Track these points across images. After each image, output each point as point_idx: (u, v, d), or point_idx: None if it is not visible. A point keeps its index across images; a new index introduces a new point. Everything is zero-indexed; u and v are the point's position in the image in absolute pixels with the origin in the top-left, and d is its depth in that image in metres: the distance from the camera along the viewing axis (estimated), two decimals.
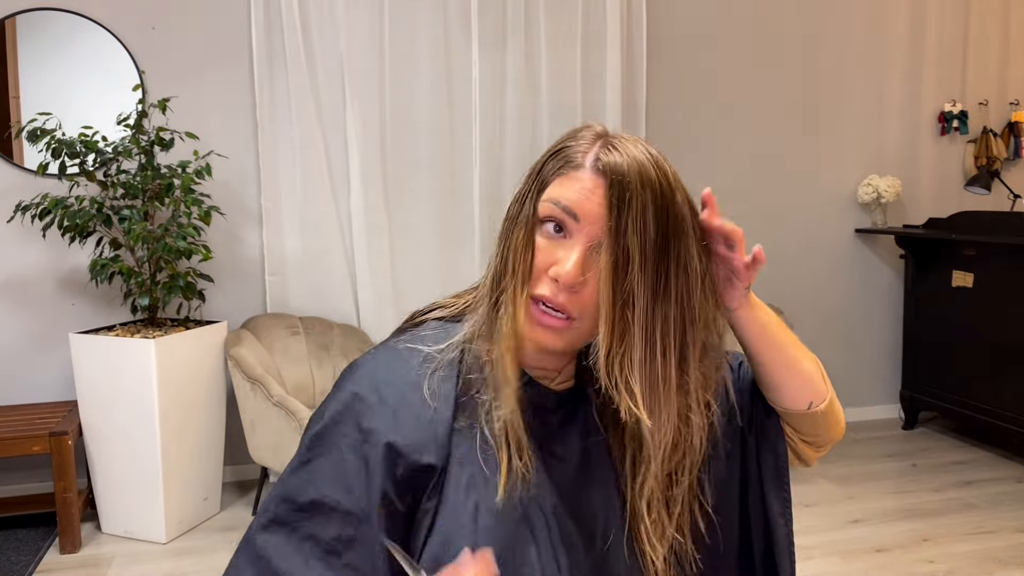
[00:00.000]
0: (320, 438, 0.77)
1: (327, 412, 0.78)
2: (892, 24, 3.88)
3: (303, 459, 0.76)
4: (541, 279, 0.75)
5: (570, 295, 0.73)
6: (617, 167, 0.73)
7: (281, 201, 3.19)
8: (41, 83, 2.97)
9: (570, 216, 0.74)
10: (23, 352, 3.04)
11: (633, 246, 0.72)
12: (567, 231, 0.74)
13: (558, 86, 3.40)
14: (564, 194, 0.74)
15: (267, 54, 3.12)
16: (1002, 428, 3.30)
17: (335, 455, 0.75)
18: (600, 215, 0.73)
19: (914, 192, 3.98)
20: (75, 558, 2.60)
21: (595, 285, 0.73)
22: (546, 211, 0.75)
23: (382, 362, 0.80)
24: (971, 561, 2.51)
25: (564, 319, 0.74)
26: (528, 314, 0.75)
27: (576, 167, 0.75)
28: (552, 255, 0.74)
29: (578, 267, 0.72)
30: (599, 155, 0.74)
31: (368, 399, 0.77)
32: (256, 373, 2.73)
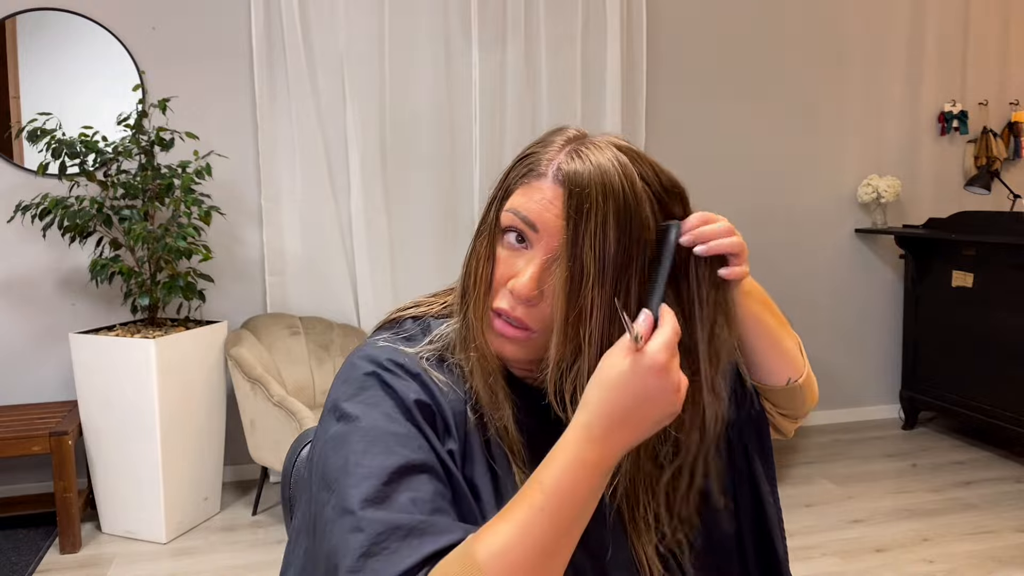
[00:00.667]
0: (351, 418, 0.72)
1: (346, 400, 0.74)
2: (892, 24, 3.88)
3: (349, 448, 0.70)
4: (500, 291, 0.74)
5: (528, 308, 0.72)
6: (577, 177, 0.71)
7: (281, 201, 3.19)
8: (41, 83, 2.97)
9: (529, 227, 0.72)
10: (23, 352, 3.04)
11: (589, 261, 0.69)
12: (528, 242, 0.73)
13: (558, 86, 3.40)
14: (525, 204, 0.73)
15: (267, 54, 3.12)
16: (1002, 428, 3.30)
17: (380, 420, 0.71)
18: (559, 227, 0.71)
19: (914, 192, 3.98)
20: (75, 558, 2.60)
21: (553, 298, 0.72)
22: (507, 221, 0.74)
23: (379, 349, 0.77)
24: (971, 561, 2.51)
25: (522, 331, 0.73)
26: (489, 326, 0.74)
27: (538, 176, 0.73)
28: (512, 266, 0.73)
29: (534, 280, 0.71)
30: (560, 164, 0.72)
31: (384, 373, 0.74)
32: (256, 373, 2.73)
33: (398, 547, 0.63)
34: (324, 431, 0.74)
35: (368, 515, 0.65)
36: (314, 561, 0.71)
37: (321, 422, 0.76)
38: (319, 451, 0.73)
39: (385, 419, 0.71)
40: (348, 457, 0.69)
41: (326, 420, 0.75)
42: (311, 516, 0.73)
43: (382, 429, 0.70)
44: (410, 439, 0.70)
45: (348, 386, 0.74)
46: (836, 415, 3.98)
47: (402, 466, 0.68)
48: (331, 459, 0.70)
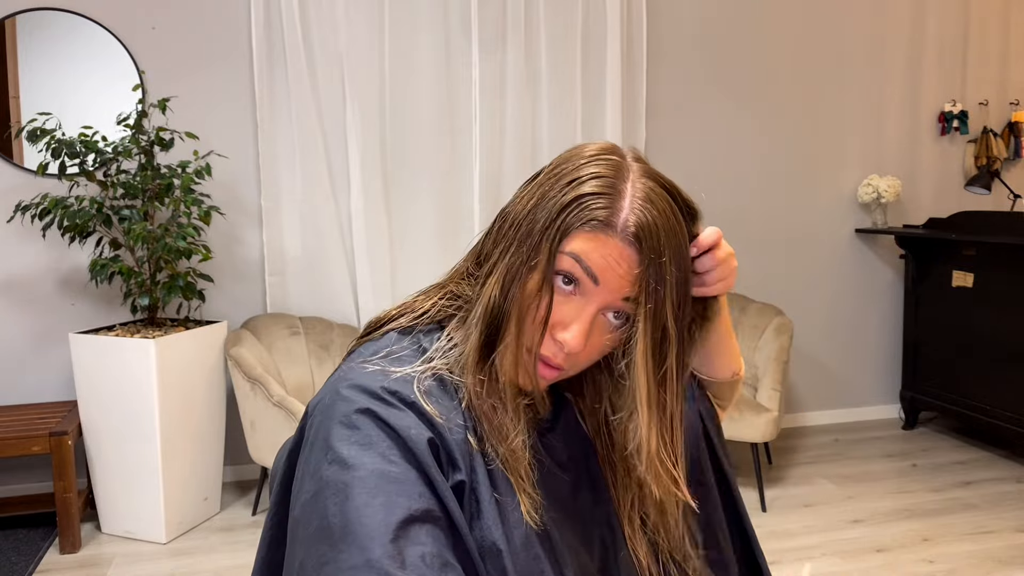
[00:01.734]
0: (346, 464, 0.66)
1: (340, 441, 0.68)
2: (892, 24, 3.88)
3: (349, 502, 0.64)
4: (544, 333, 0.71)
5: (567, 355, 0.72)
6: (651, 236, 0.69)
7: (281, 201, 3.19)
8: (41, 83, 2.97)
9: (591, 278, 0.69)
10: (23, 352, 3.04)
11: (670, 323, 0.70)
12: (580, 290, 0.71)
13: (558, 86, 3.40)
14: (591, 255, 0.69)
15: (267, 54, 3.12)
16: (1002, 428, 3.30)
17: (377, 464, 0.66)
18: (622, 286, 0.69)
19: (914, 192, 3.98)
20: (75, 558, 2.60)
21: (596, 344, 0.73)
22: (566, 266, 0.70)
23: (368, 376, 0.72)
24: (971, 561, 2.51)
25: (558, 371, 0.73)
26: (524, 362, 0.72)
27: (604, 227, 0.69)
28: (559, 311, 0.71)
29: (583, 336, 0.70)
30: (629, 219, 0.69)
31: (378, 407, 0.69)
32: (256, 373, 2.73)
33: None
34: (316, 470, 0.68)
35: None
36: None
37: (310, 453, 0.70)
38: (311, 491, 0.67)
39: (382, 462, 0.66)
40: (349, 513, 0.64)
41: (317, 457, 0.69)
42: (295, 560, 0.67)
43: (380, 474, 0.65)
44: (409, 484, 0.66)
45: (339, 424, 0.69)
46: (836, 415, 3.98)
47: (405, 519, 0.64)
48: (330, 509, 0.65)
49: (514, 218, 0.74)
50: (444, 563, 0.63)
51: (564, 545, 0.74)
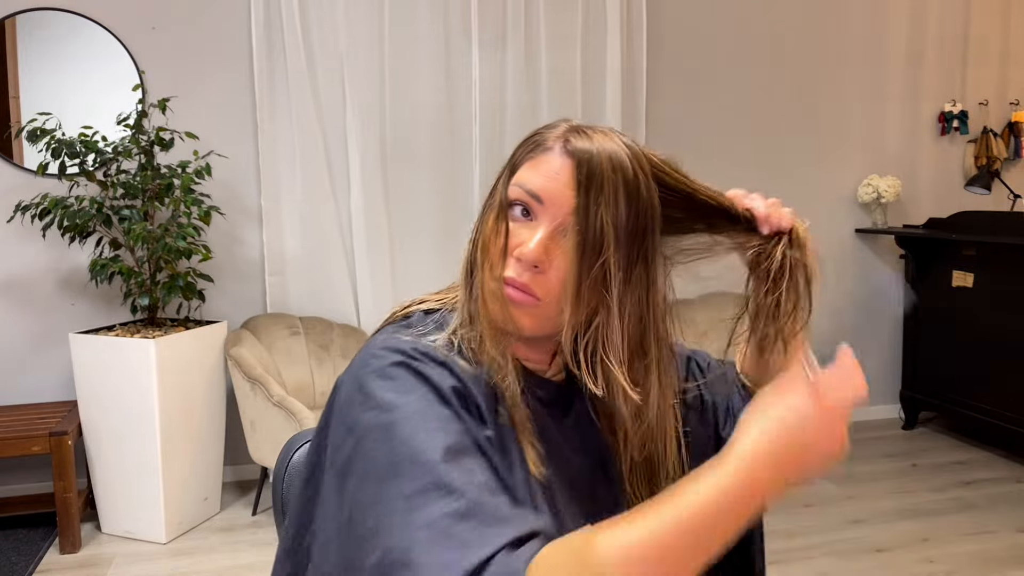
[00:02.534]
0: (388, 406, 0.68)
1: (379, 390, 0.70)
2: (892, 24, 3.88)
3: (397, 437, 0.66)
4: (507, 261, 0.75)
5: (534, 275, 0.73)
6: (585, 149, 0.73)
7: (281, 201, 3.19)
8: (41, 83, 2.97)
9: (534, 199, 0.74)
10: (23, 352, 3.04)
11: (607, 226, 0.71)
12: (533, 214, 0.74)
13: (558, 86, 3.40)
14: (531, 177, 0.74)
15: (267, 54, 3.12)
16: (1002, 428, 3.30)
17: (420, 405, 0.68)
18: (566, 196, 0.73)
19: (914, 192, 3.98)
20: (75, 558, 2.60)
21: (561, 267, 0.73)
22: (514, 195, 0.75)
23: (400, 340, 0.75)
24: (971, 561, 2.51)
25: (530, 297, 0.73)
26: (500, 295, 0.74)
27: (545, 150, 0.75)
28: (519, 237, 0.74)
29: (541, 246, 0.72)
30: (568, 138, 0.75)
31: (413, 362, 0.72)
32: (256, 373, 2.73)
33: (481, 529, 0.60)
34: (355, 422, 0.69)
35: (440, 500, 0.62)
36: (350, 554, 0.66)
37: (346, 411, 0.71)
38: (352, 443, 0.69)
39: (422, 403, 0.69)
40: (397, 447, 0.65)
41: (353, 411, 0.70)
42: (344, 511, 0.67)
43: (422, 412, 0.68)
44: (450, 423, 0.68)
45: (374, 376, 0.71)
46: None
47: (452, 447, 0.66)
48: (377, 449, 0.66)
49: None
50: (496, 487, 0.65)
51: (567, 513, 0.76)
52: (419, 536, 0.60)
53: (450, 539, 0.60)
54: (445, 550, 0.59)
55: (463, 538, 0.60)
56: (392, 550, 0.61)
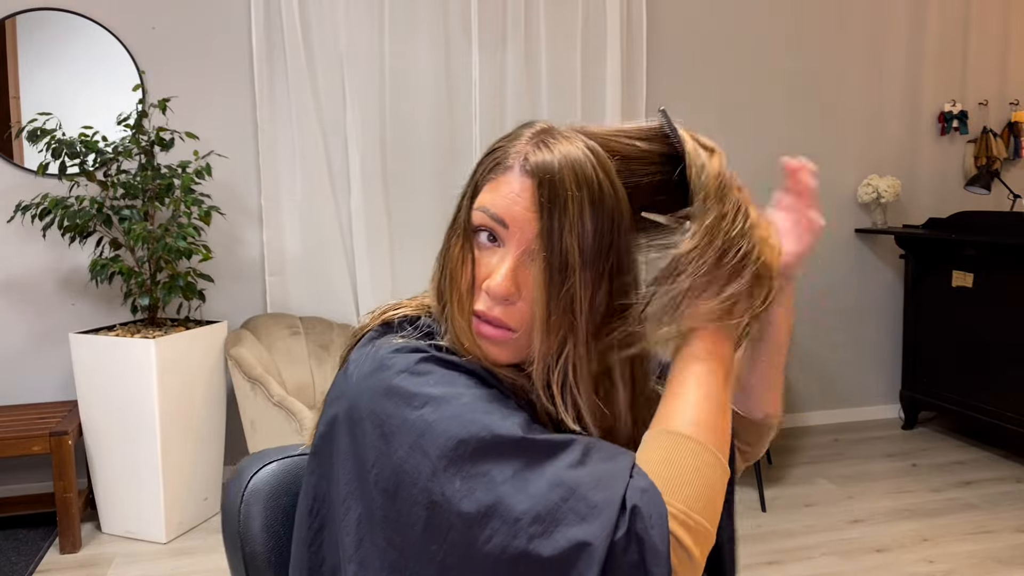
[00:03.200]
0: (438, 399, 0.66)
1: (417, 387, 0.67)
2: (892, 24, 3.88)
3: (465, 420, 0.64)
4: (479, 293, 0.71)
5: (506, 307, 0.70)
6: (546, 166, 0.69)
7: (281, 201, 3.19)
8: (41, 83, 2.97)
9: (499, 224, 0.70)
10: (23, 352, 3.04)
11: (571, 248, 0.68)
12: (500, 239, 0.71)
13: (558, 86, 3.40)
14: (493, 200, 0.70)
15: (267, 54, 3.12)
16: (1002, 428, 3.30)
17: (470, 388, 0.67)
18: (529, 220, 0.69)
19: (914, 192, 3.98)
20: (75, 558, 2.60)
21: (531, 295, 0.70)
22: (477, 220, 0.71)
23: (408, 342, 0.72)
24: (971, 561, 2.51)
25: (503, 331, 0.71)
26: (471, 329, 0.72)
27: (505, 169, 0.71)
28: (487, 266, 0.71)
29: (508, 278, 0.69)
30: (527, 154, 0.70)
31: (436, 353, 0.70)
32: (256, 373, 2.73)
33: (607, 458, 0.64)
34: (403, 423, 0.65)
35: (552, 459, 0.62)
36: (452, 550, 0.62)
37: (370, 426, 0.67)
38: (406, 447, 0.64)
39: (473, 388, 0.67)
40: (476, 432, 0.63)
41: (390, 419, 0.66)
42: (412, 521, 0.63)
43: (477, 397, 0.66)
44: (505, 399, 0.67)
45: (406, 376, 0.67)
46: (836, 415, 3.98)
47: (524, 419, 0.65)
48: (446, 443, 0.63)
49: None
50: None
51: None
52: (558, 486, 0.61)
53: (595, 463, 0.62)
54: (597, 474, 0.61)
55: (605, 458, 0.63)
56: (526, 513, 0.60)
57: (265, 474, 0.90)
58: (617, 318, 0.71)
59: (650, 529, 0.59)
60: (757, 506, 2.93)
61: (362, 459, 0.67)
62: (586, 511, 0.59)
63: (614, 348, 0.72)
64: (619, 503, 0.59)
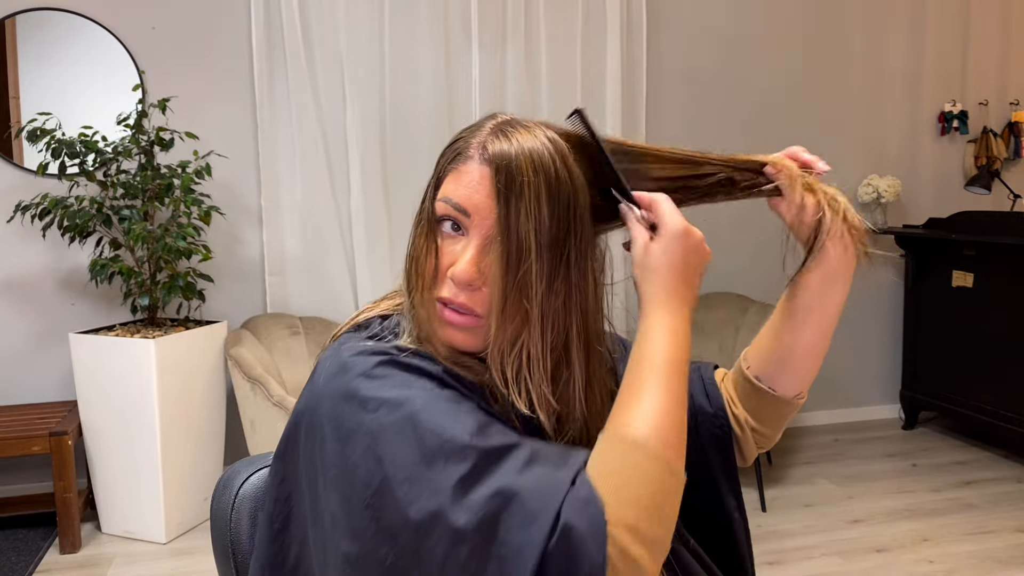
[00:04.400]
0: (393, 403, 0.66)
1: (374, 391, 0.67)
2: (892, 24, 3.88)
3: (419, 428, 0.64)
4: (443, 280, 0.73)
5: (471, 294, 0.71)
6: (503, 154, 0.71)
7: (281, 201, 3.19)
8: (41, 83, 2.97)
9: (461, 213, 0.72)
10: (23, 352, 3.04)
11: (527, 234, 0.69)
12: (463, 227, 0.73)
13: (558, 86, 3.40)
14: (455, 190, 0.73)
15: (267, 54, 3.12)
16: (1002, 428, 3.30)
17: (425, 393, 0.67)
18: (489, 207, 0.71)
19: (914, 192, 3.98)
20: (75, 558, 2.60)
21: (495, 281, 0.71)
22: (440, 210, 0.74)
23: (372, 344, 0.73)
24: (971, 561, 2.51)
25: (470, 316, 0.72)
26: (439, 316, 0.73)
27: (466, 159, 0.73)
28: (452, 254, 0.73)
29: (472, 264, 0.71)
30: (486, 143, 0.72)
31: (398, 356, 0.70)
32: (256, 373, 2.73)
33: (554, 465, 0.64)
34: (358, 426, 0.66)
35: (500, 463, 0.62)
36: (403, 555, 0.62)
37: (341, 413, 0.67)
38: (360, 450, 0.65)
39: (429, 391, 0.67)
40: (426, 438, 0.63)
41: (351, 415, 0.67)
42: (367, 521, 0.64)
43: (433, 399, 0.66)
44: (461, 402, 0.68)
45: (363, 379, 0.68)
46: (836, 415, 3.98)
47: (480, 422, 0.66)
48: (400, 448, 0.63)
49: None
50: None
51: None
52: (496, 495, 0.61)
53: (537, 472, 0.62)
54: (538, 483, 0.62)
55: (549, 467, 0.63)
56: (468, 523, 0.60)
57: (255, 481, 0.89)
58: (576, 303, 0.72)
59: (587, 539, 0.59)
60: (757, 506, 2.93)
61: (322, 463, 0.68)
62: (523, 520, 0.59)
63: (572, 335, 0.73)
64: (555, 512, 0.60)
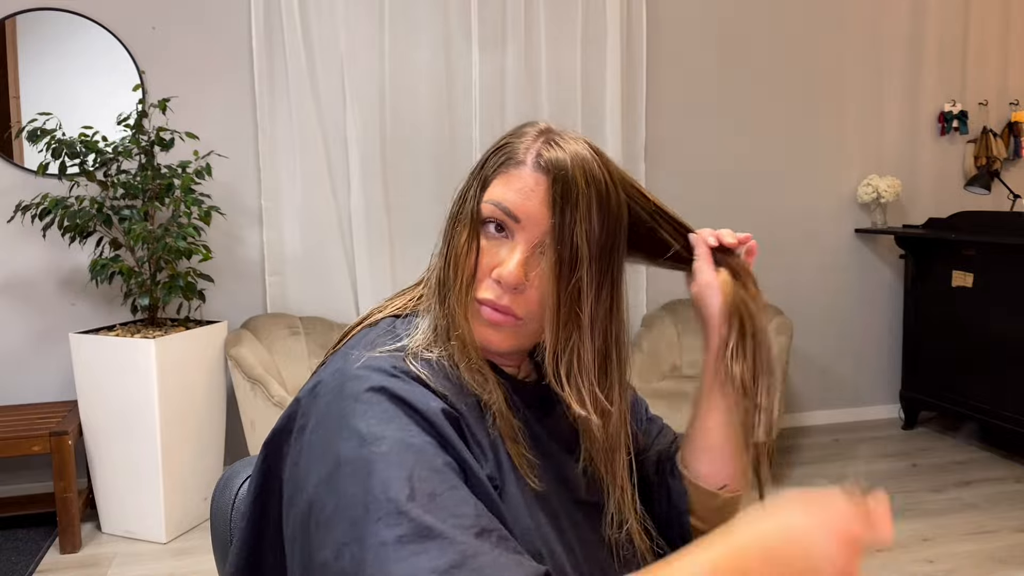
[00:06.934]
0: (365, 439, 0.64)
1: (356, 417, 0.65)
2: (892, 24, 3.88)
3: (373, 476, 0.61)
4: (484, 281, 0.73)
5: (514, 296, 0.72)
6: (560, 163, 0.72)
7: (281, 201, 3.19)
8: (41, 83, 2.97)
9: (511, 218, 0.72)
10: (23, 352, 3.04)
11: (581, 243, 0.71)
12: (509, 231, 0.73)
13: (558, 86, 3.40)
14: (505, 194, 0.73)
15: (267, 54, 3.12)
16: (1002, 428, 3.30)
17: (398, 436, 0.64)
18: (542, 215, 0.72)
19: (914, 192, 3.98)
20: (75, 558, 2.60)
21: (540, 285, 0.72)
22: (488, 212, 0.73)
23: (377, 358, 0.71)
24: (971, 561, 2.51)
25: (511, 317, 0.73)
26: (475, 315, 0.74)
27: (517, 164, 0.73)
28: (495, 256, 0.73)
29: (521, 267, 0.71)
30: (541, 151, 0.73)
31: (392, 384, 0.68)
32: (256, 373, 2.73)
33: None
34: (328, 449, 0.65)
35: (426, 551, 0.57)
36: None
37: (319, 433, 0.67)
38: (325, 472, 0.64)
39: (404, 435, 0.64)
40: (374, 486, 0.61)
41: (328, 436, 0.66)
42: (314, 543, 0.63)
43: (401, 445, 0.63)
44: (430, 454, 0.64)
45: (351, 401, 0.67)
46: (836, 415, 3.98)
47: (438, 486, 0.62)
48: (351, 487, 0.62)
49: (455, 196, 0.79)
50: (488, 523, 0.61)
51: (564, 516, 0.76)
52: None
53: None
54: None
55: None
56: None
57: None
58: (617, 310, 0.75)
59: None
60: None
61: (301, 474, 0.68)
62: None
63: (612, 340, 0.75)
64: None
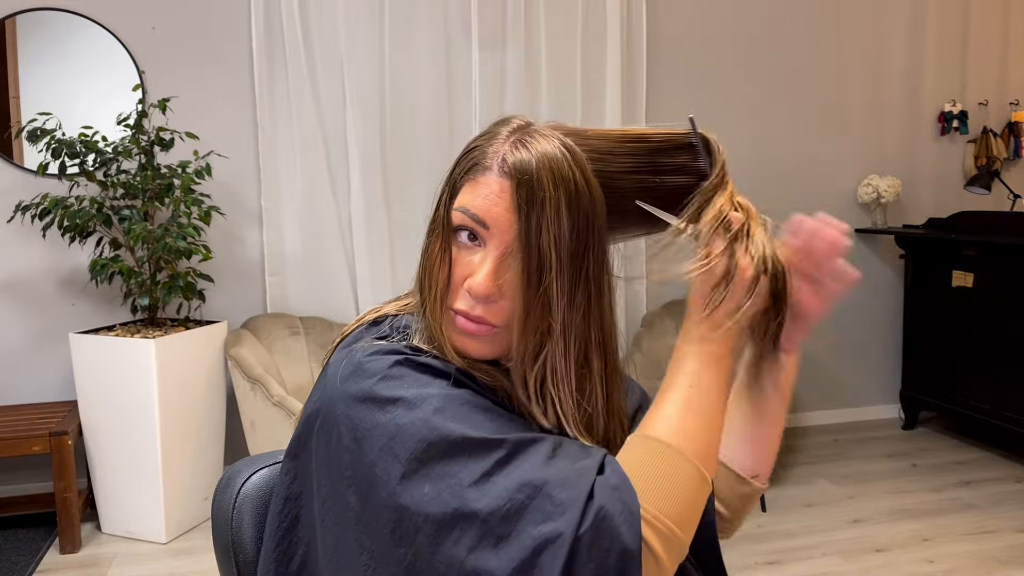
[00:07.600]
0: (410, 402, 0.66)
1: (389, 390, 0.67)
2: (892, 24, 3.88)
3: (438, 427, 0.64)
4: (459, 291, 0.72)
5: (487, 306, 0.71)
6: (524, 166, 0.69)
7: (281, 201, 3.19)
8: (41, 83, 2.97)
9: (479, 224, 0.71)
10: (23, 352, 3.04)
11: (548, 249, 0.68)
12: (481, 239, 0.72)
13: (558, 86, 3.40)
14: (473, 200, 0.71)
15: (267, 54, 3.12)
16: (1002, 428, 3.30)
17: (442, 392, 0.67)
18: (509, 221, 0.69)
19: (914, 192, 3.98)
20: (75, 558, 2.60)
21: (512, 294, 0.70)
22: (457, 220, 0.72)
23: (385, 344, 0.73)
24: (971, 561, 2.51)
25: (485, 326, 0.71)
26: (451, 325, 0.73)
27: (484, 170, 0.71)
28: (468, 265, 0.72)
29: (490, 277, 0.70)
30: (506, 155, 0.71)
31: (413, 357, 0.70)
32: (256, 373, 2.73)
33: (576, 456, 0.64)
34: (374, 425, 0.66)
35: (525, 456, 0.63)
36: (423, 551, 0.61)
37: (344, 428, 0.67)
38: (377, 448, 0.65)
39: (446, 390, 0.67)
40: (448, 434, 0.63)
41: (366, 415, 0.66)
42: (382, 521, 0.63)
43: (451, 399, 0.66)
44: (478, 398, 0.68)
45: (379, 379, 0.68)
46: (836, 415, 3.98)
47: (498, 419, 0.66)
48: (416, 445, 0.63)
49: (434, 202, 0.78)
50: None
51: None
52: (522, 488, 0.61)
53: (561, 463, 0.63)
54: (564, 473, 0.62)
55: (572, 457, 0.64)
56: (493, 515, 0.60)
57: (256, 480, 0.89)
58: (595, 315, 0.72)
59: (620, 526, 0.59)
60: (757, 506, 2.93)
61: (337, 463, 0.68)
62: (552, 509, 0.59)
63: (592, 347, 0.72)
64: (585, 499, 0.59)
